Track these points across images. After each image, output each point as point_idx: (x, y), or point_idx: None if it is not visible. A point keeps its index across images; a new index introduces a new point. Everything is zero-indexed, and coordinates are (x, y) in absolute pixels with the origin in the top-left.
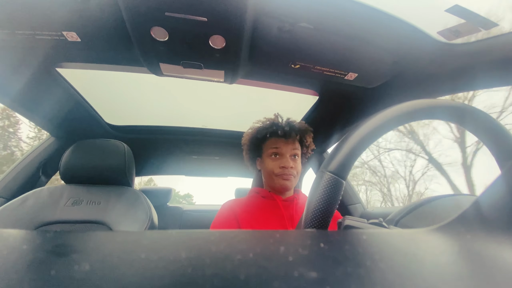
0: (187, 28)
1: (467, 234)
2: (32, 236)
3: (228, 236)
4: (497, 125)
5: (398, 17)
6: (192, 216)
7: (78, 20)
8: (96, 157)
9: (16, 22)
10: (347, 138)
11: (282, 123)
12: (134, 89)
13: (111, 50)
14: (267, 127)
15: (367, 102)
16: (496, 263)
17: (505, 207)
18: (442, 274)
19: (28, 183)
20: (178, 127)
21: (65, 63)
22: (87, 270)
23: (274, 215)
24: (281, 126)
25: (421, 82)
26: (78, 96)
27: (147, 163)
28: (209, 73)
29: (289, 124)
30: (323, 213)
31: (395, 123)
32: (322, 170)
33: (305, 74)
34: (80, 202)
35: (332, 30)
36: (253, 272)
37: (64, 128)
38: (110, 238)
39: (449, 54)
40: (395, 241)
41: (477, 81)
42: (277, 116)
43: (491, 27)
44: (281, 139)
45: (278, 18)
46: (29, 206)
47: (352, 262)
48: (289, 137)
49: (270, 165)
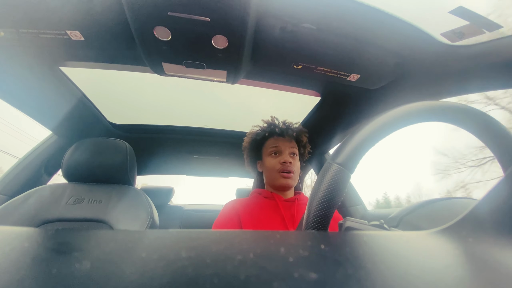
0: (190, 28)
1: (469, 237)
2: (34, 234)
3: (228, 236)
4: (501, 128)
5: (401, 18)
6: (193, 216)
7: (81, 19)
8: (98, 155)
9: (20, 21)
10: (356, 132)
11: (279, 123)
12: (136, 88)
13: (114, 49)
14: (265, 128)
15: (369, 103)
16: (498, 267)
17: (507, 210)
18: (443, 278)
19: (30, 181)
20: (180, 126)
21: (69, 62)
22: (88, 269)
23: (276, 215)
24: (278, 126)
25: (424, 84)
26: (81, 95)
27: (149, 162)
28: (211, 73)
29: (286, 124)
30: (328, 203)
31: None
32: (330, 162)
33: (308, 74)
34: (82, 200)
35: (335, 31)
36: (253, 272)
37: (66, 127)
38: (111, 237)
39: (452, 56)
40: (396, 243)
41: (481, 83)
42: (274, 118)
43: (495, 29)
44: (280, 138)
45: (281, 18)
46: (31, 204)
47: (353, 264)
48: (286, 135)
49: (271, 162)
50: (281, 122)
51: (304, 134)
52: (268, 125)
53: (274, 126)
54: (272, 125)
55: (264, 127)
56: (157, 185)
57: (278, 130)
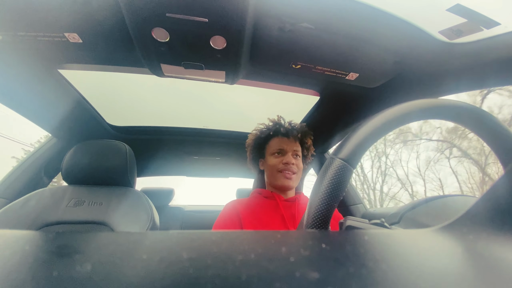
0: (188, 28)
1: (470, 234)
2: (35, 237)
3: (229, 237)
4: (501, 126)
5: (399, 16)
6: (193, 217)
7: (79, 21)
8: (97, 158)
9: (18, 23)
10: (359, 128)
11: (284, 123)
12: (135, 90)
13: (113, 51)
14: (271, 126)
15: (368, 102)
16: (499, 264)
17: (508, 207)
18: (444, 275)
19: (30, 184)
20: (179, 127)
21: (67, 64)
22: (89, 271)
23: (276, 215)
24: (283, 126)
25: (423, 82)
26: (79, 97)
27: (149, 164)
28: (210, 74)
29: (291, 124)
30: (330, 199)
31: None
32: (332, 157)
33: (306, 74)
34: (82, 202)
35: (333, 30)
36: (254, 272)
37: (66, 129)
38: (112, 239)
39: (450, 54)
40: (396, 241)
41: (479, 80)
42: (280, 118)
43: (493, 26)
44: (284, 138)
45: (279, 18)
46: (31, 207)
47: (354, 263)
48: (291, 135)
49: (273, 161)
50: (287, 122)
51: (309, 136)
52: (273, 124)
53: (280, 125)
54: (277, 125)
55: (269, 125)
56: (158, 187)
57: (283, 130)
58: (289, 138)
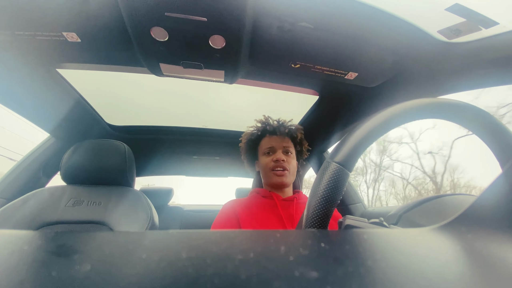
0: (187, 28)
1: (468, 233)
2: (33, 237)
3: (228, 236)
4: (498, 124)
5: (398, 16)
6: (192, 216)
7: (78, 20)
8: (96, 157)
9: (16, 23)
10: (354, 131)
11: (272, 122)
12: (134, 90)
13: (111, 51)
14: (259, 127)
15: (368, 101)
16: (497, 263)
17: (506, 206)
18: (442, 274)
19: (28, 184)
20: (178, 127)
21: (65, 64)
22: (88, 271)
23: (274, 214)
24: (271, 124)
25: (421, 81)
26: (78, 97)
27: (148, 163)
28: (209, 73)
29: (279, 122)
30: (327, 202)
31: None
32: (328, 161)
33: (305, 73)
34: (81, 202)
35: (332, 30)
36: (254, 272)
37: (64, 129)
38: (111, 239)
39: (449, 53)
40: (395, 240)
41: (477, 80)
42: (267, 117)
43: (491, 25)
44: (273, 136)
45: (278, 17)
46: (30, 207)
47: (353, 262)
48: (279, 132)
49: (265, 161)
50: (274, 121)
51: (298, 130)
52: (261, 124)
53: (267, 124)
54: (264, 124)
55: (257, 127)
56: (157, 186)
57: (270, 128)
58: (278, 135)
